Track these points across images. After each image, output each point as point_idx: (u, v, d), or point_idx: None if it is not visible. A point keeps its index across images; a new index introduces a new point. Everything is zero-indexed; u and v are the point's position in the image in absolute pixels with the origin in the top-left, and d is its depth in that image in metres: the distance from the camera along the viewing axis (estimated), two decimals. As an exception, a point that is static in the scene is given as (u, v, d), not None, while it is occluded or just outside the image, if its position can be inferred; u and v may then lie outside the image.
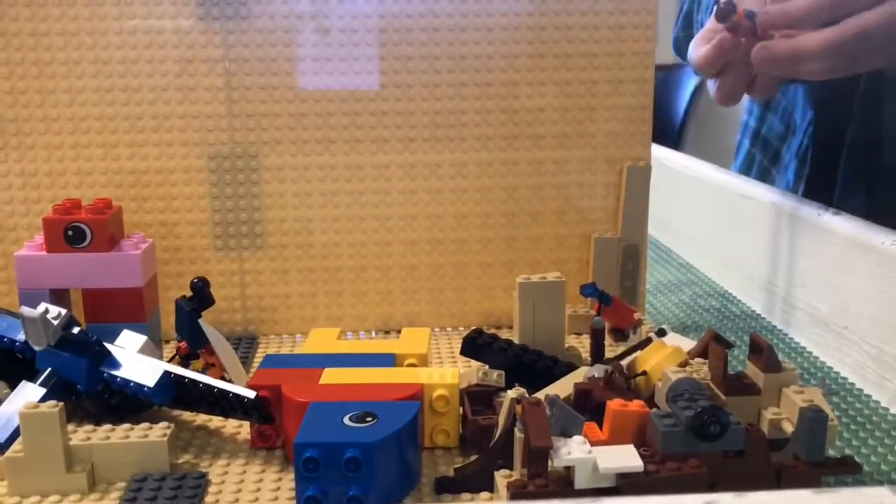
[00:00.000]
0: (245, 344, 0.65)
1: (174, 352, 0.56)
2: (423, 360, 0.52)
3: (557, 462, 0.39)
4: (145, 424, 0.46)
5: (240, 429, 0.50)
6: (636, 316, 0.62)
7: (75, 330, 0.49)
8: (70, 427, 0.45)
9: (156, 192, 0.64)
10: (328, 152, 0.64)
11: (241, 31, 0.62)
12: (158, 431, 0.45)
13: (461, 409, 0.48)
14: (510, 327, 0.67)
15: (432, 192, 0.66)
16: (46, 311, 0.48)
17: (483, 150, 0.65)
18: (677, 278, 0.83)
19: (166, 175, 0.63)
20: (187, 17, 0.61)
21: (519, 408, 0.43)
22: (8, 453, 0.44)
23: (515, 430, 0.42)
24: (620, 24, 0.64)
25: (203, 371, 0.53)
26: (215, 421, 0.51)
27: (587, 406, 0.44)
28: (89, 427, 0.46)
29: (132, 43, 0.61)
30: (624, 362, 0.50)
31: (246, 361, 0.61)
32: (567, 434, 0.41)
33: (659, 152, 0.97)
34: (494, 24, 0.63)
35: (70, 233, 0.54)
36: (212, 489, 0.44)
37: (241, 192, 0.64)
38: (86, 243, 0.55)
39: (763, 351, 0.44)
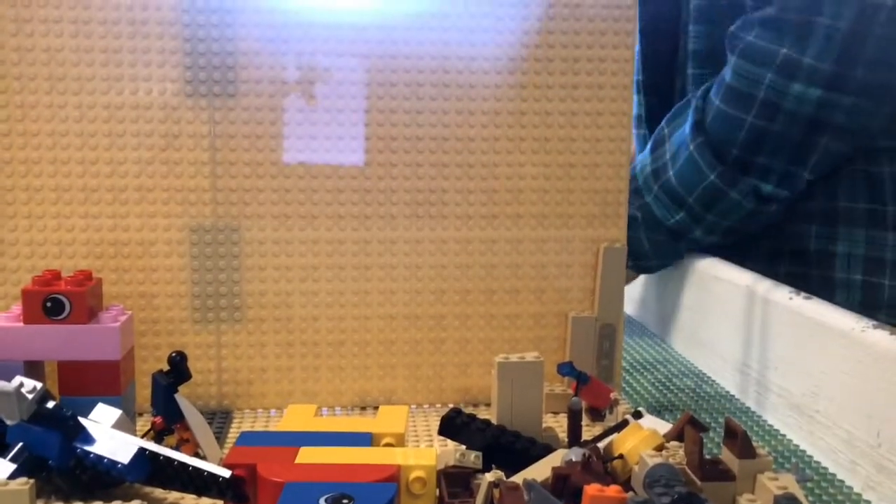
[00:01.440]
0: (219, 418, 0.64)
1: (148, 426, 0.55)
2: (401, 440, 0.52)
3: (535, 549, 0.39)
4: (118, 503, 0.45)
5: (213, 508, 0.50)
6: (613, 395, 0.63)
7: (50, 404, 0.48)
8: (39, 505, 0.44)
9: (136, 263, 0.64)
10: (310, 227, 0.65)
11: (227, 107, 0.63)
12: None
13: (438, 491, 0.48)
14: (487, 405, 0.67)
15: (412, 267, 0.66)
16: (21, 384, 0.47)
17: (463, 228, 0.66)
18: (652, 356, 0.84)
19: (147, 247, 0.64)
20: (174, 93, 0.62)
21: (497, 492, 0.43)
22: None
23: (492, 514, 0.42)
24: (598, 111, 0.66)
25: (177, 447, 0.53)
26: (188, 499, 0.50)
27: (565, 490, 0.44)
28: (59, 505, 0.45)
29: (119, 117, 0.62)
30: (601, 445, 0.51)
31: (220, 436, 0.61)
32: (543, 520, 0.40)
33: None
34: (476, 108, 0.65)
35: (49, 304, 0.54)
36: (183, 572, 0.43)
37: (222, 266, 0.65)
38: (64, 315, 0.55)
39: (738, 436, 0.45)
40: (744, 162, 0.83)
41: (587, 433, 0.58)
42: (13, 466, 0.47)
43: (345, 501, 0.43)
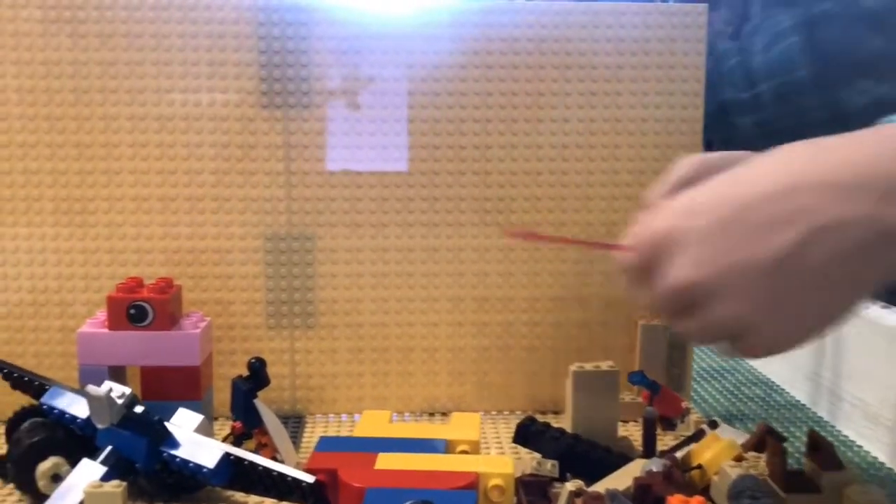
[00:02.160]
0: (293, 423, 0.65)
1: (228, 430, 0.56)
2: (475, 447, 0.52)
3: (620, 559, 0.39)
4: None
5: (293, 512, 0.51)
6: (684, 404, 0.63)
7: (138, 409, 0.50)
8: (131, 507, 0.46)
9: (212, 270, 0.65)
10: (381, 235, 0.66)
11: (301, 118, 0.64)
12: (217, 513, 0.46)
13: (515, 499, 0.48)
14: (555, 412, 0.67)
15: (480, 275, 0.67)
16: (111, 389, 0.49)
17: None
18: (720, 365, 0.83)
19: (223, 255, 0.65)
20: (251, 105, 0.64)
21: (578, 501, 0.43)
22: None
23: (574, 523, 0.42)
24: (668, 117, 0.66)
25: (255, 451, 0.54)
26: (268, 503, 0.51)
27: (646, 501, 0.44)
28: (149, 507, 0.46)
29: (197, 128, 0.64)
30: (678, 454, 0.50)
31: (295, 440, 0.62)
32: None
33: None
34: (545, 116, 0.65)
35: (133, 311, 0.56)
36: (268, 574, 0.44)
37: (295, 273, 0.66)
38: (147, 322, 0.56)
39: (822, 448, 0.44)
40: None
41: (659, 442, 0.58)
42: (103, 469, 0.49)
43: (425, 508, 0.44)
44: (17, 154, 0.63)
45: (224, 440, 0.54)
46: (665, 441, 0.58)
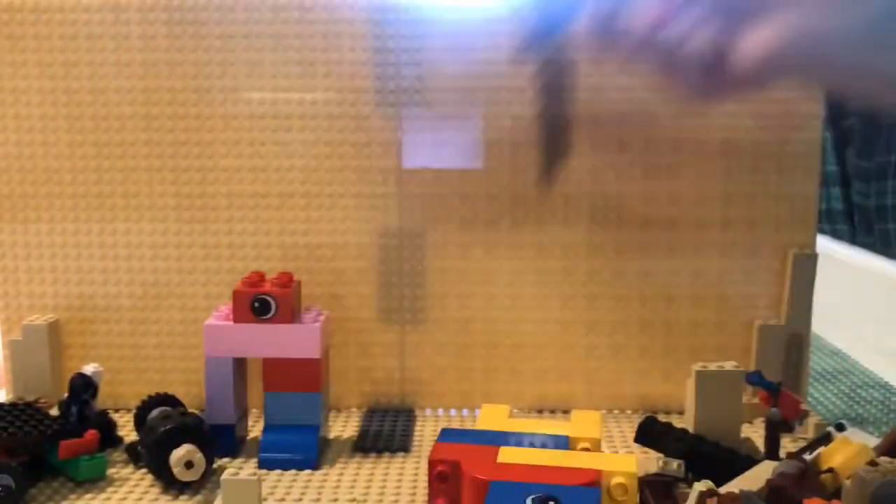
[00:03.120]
0: (404, 416, 0.66)
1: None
2: (597, 445, 0.52)
3: (760, 561, 0.38)
4: (331, 496, 0.47)
5: (413, 501, 0.52)
6: (803, 407, 0.61)
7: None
8: (263, 494, 0.47)
9: (326, 266, 0.67)
10: (492, 230, 0.66)
11: (414, 116, 0.65)
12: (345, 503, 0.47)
13: (639, 498, 0.48)
14: (666, 412, 0.66)
15: (590, 272, 0.66)
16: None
17: (643, 234, 0.66)
18: (832, 367, 0.81)
19: (337, 250, 0.66)
20: (365, 103, 0.65)
21: (710, 502, 0.42)
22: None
23: (706, 523, 0.42)
24: (787, 112, 0.64)
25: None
26: (405, 492, 0.52)
27: (781, 503, 0.43)
28: (279, 495, 0.48)
29: (313, 126, 0.65)
30: (807, 457, 0.49)
31: (406, 433, 0.63)
32: (764, 532, 0.40)
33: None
34: (661, 112, 0.64)
35: (257, 304, 0.57)
36: (396, 564, 0.45)
37: (406, 269, 0.67)
38: (271, 314, 0.58)
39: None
40: None
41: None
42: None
43: (551, 503, 0.44)
44: (142, 152, 0.66)
45: None
46: (784, 444, 0.57)
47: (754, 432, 0.60)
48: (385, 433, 0.63)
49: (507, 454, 0.49)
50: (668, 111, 0.64)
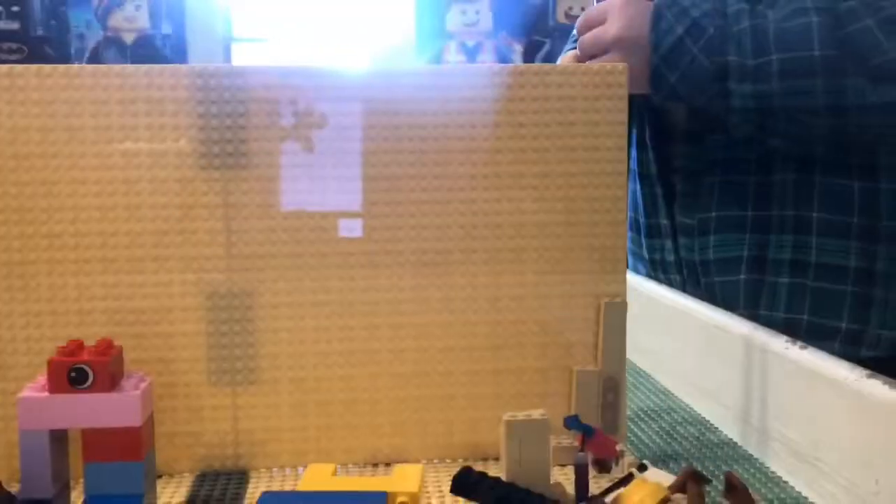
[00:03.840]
0: (236, 479, 0.66)
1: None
2: (415, 499, 0.54)
3: None
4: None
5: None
6: (618, 447, 0.65)
7: None
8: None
9: (153, 329, 0.66)
10: (322, 290, 0.67)
11: (240, 178, 0.66)
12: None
13: (451, 548, 0.50)
14: (497, 459, 0.68)
15: (420, 326, 0.69)
16: None
17: (468, 287, 0.68)
18: (656, 405, 0.86)
19: (164, 314, 0.66)
20: (190, 166, 0.65)
21: (508, 549, 0.44)
22: None
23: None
24: (595, 171, 0.69)
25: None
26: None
27: (574, 546, 0.46)
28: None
29: (137, 190, 0.65)
30: (608, 499, 0.52)
31: (238, 496, 0.62)
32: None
33: (634, 281, 1.01)
34: (477, 173, 0.68)
35: (73, 374, 0.56)
36: None
37: (237, 329, 0.67)
38: (88, 384, 0.57)
39: (738, 490, 0.47)
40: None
41: (594, 485, 0.60)
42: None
43: (362, 562, 0.45)
44: (-44, 219, 0.64)
45: None
46: (600, 485, 0.60)
47: (571, 475, 0.63)
48: (215, 497, 0.62)
49: (323, 515, 0.50)
50: (485, 171, 0.68)
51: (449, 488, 0.55)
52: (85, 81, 0.64)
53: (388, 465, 0.69)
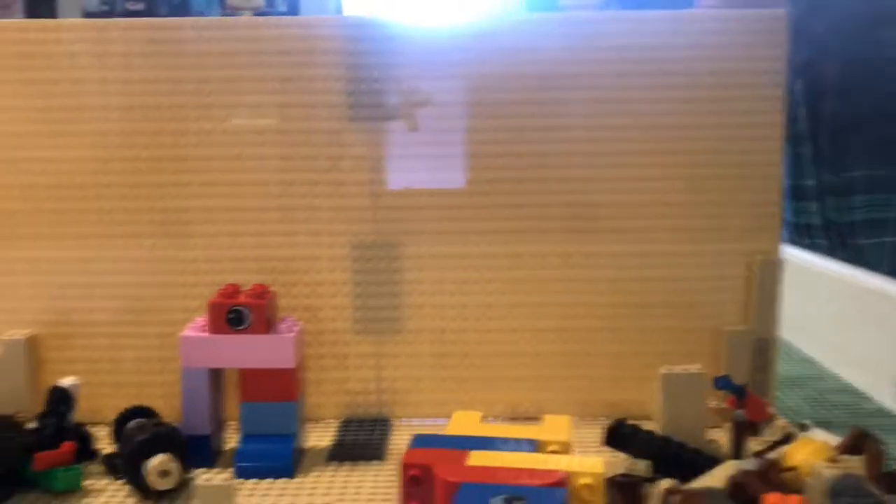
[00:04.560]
0: (380, 426, 0.67)
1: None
2: (566, 448, 0.53)
3: (720, 554, 0.39)
4: (306, 501, 0.48)
5: (387, 509, 0.52)
6: (770, 410, 0.62)
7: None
8: None
9: (303, 278, 0.67)
10: (465, 243, 0.67)
11: (386, 130, 0.66)
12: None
13: (606, 498, 0.49)
14: (638, 419, 0.67)
15: (564, 281, 0.68)
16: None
17: (616, 243, 0.67)
18: (800, 373, 0.82)
19: (313, 262, 0.67)
20: (339, 118, 0.66)
21: (675, 499, 0.43)
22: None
23: (669, 520, 0.43)
24: (749, 123, 0.66)
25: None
26: (378, 498, 0.53)
27: (741, 500, 0.44)
28: (255, 501, 0.48)
29: (289, 142, 0.66)
30: (770, 456, 0.50)
31: (382, 441, 0.63)
32: (725, 526, 0.41)
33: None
34: (631, 123, 0.66)
35: (231, 315, 0.58)
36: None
37: (382, 280, 0.68)
38: (245, 326, 0.58)
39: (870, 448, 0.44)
40: None
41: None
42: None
43: (517, 503, 0.45)
44: (119, 168, 0.67)
45: None
46: (752, 446, 0.58)
47: (722, 436, 0.61)
48: (360, 442, 0.63)
49: (476, 458, 0.50)
50: (636, 122, 0.66)
51: (599, 443, 0.54)
52: (240, 33, 0.66)
53: (525, 419, 0.69)
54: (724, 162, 0.66)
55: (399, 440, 0.64)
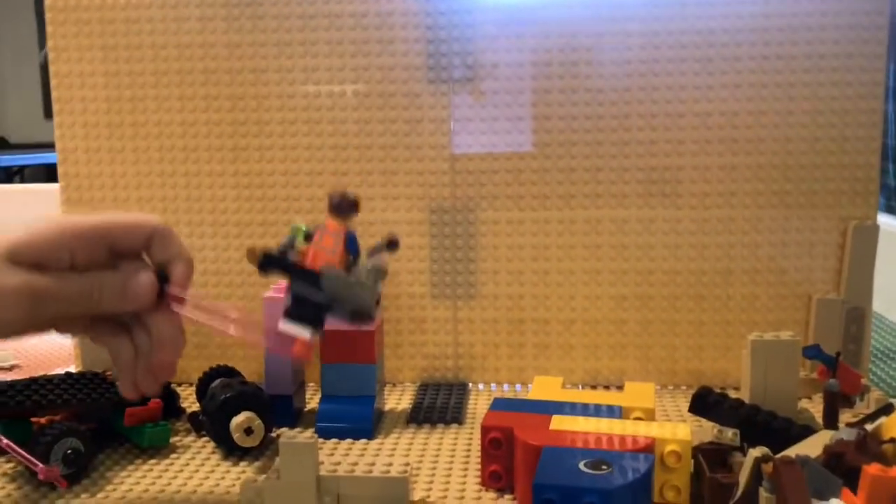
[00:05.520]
0: (457, 390, 0.67)
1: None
2: (650, 415, 0.52)
3: (817, 524, 0.38)
4: (386, 461, 0.48)
5: (466, 469, 0.52)
6: (863, 381, 0.60)
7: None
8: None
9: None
10: (542, 207, 0.66)
11: (466, 92, 0.65)
12: (399, 468, 0.48)
13: (693, 466, 0.48)
14: (722, 388, 0.65)
15: (644, 247, 0.66)
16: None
17: (699, 208, 0.65)
18: (893, 346, 0.79)
19: (391, 226, 0.67)
20: (418, 80, 0.66)
21: (768, 467, 0.42)
22: (267, 478, 0.47)
23: (760, 489, 0.41)
24: (847, 81, 0.63)
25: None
26: (458, 460, 0.53)
27: (838, 470, 0.42)
28: (335, 460, 0.49)
29: (367, 104, 0.66)
30: (867, 427, 0.48)
31: (459, 407, 0.63)
32: (822, 497, 0.39)
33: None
34: (715, 83, 0.64)
35: (313, 277, 0.58)
36: (450, 527, 0.46)
37: (459, 244, 0.67)
38: (326, 288, 0.59)
39: None
40: None
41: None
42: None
43: (604, 467, 0.44)
44: (203, 132, 0.68)
45: None
46: (843, 419, 0.56)
47: (812, 406, 0.59)
48: (438, 405, 0.63)
49: (559, 422, 0.50)
50: (721, 81, 0.63)
51: (685, 410, 0.53)
52: (319, -3, 0.66)
53: (605, 387, 0.68)
54: (820, 122, 0.63)
55: (476, 405, 0.64)
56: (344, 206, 0.48)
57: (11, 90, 3.49)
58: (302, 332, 0.45)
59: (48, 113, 3.20)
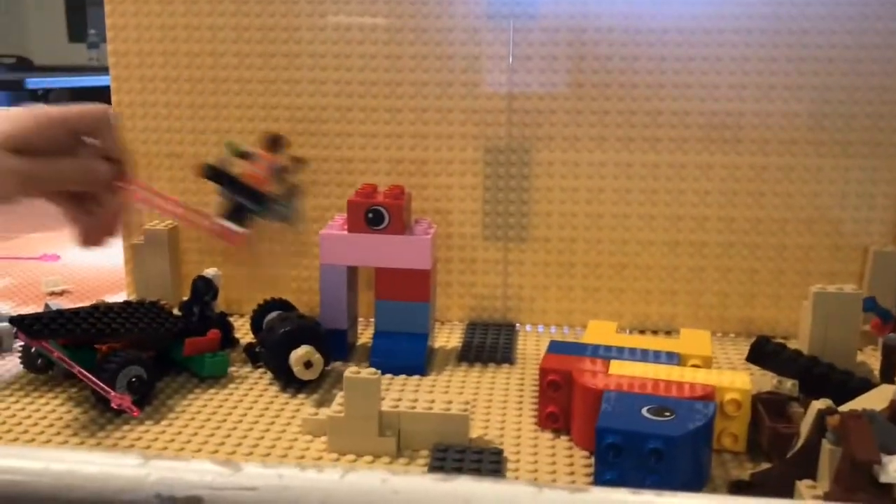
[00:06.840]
0: (506, 331, 0.67)
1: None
2: (708, 363, 0.52)
3: (884, 478, 0.38)
4: (446, 399, 0.49)
5: (520, 409, 0.53)
6: (919, 336, 0.60)
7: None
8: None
9: (434, 181, 0.67)
10: (599, 149, 0.66)
11: (526, 29, 0.64)
12: (459, 406, 0.48)
13: (752, 414, 0.48)
14: (773, 337, 0.65)
15: (700, 193, 0.65)
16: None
17: (759, 154, 0.64)
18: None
19: (444, 165, 0.67)
20: (477, 15, 0.64)
21: (833, 420, 0.42)
22: (330, 412, 0.48)
23: (824, 441, 0.41)
24: (920, 29, 0.61)
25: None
26: (512, 399, 0.54)
27: (903, 424, 0.42)
28: (393, 396, 0.50)
29: (424, 40, 0.65)
30: (928, 383, 0.48)
31: (509, 346, 0.64)
32: (887, 450, 0.39)
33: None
34: (783, 27, 0.62)
35: (370, 215, 0.59)
36: (509, 465, 0.47)
37: (512, 185, 0.67)
38: (383, 225, 0.59)
39: None
40: None
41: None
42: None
43: (667, 414, 0.44)
44: (233, 63, 0.67)
45: None
46: (898, 372, 0.56)
47: (864, 359, 0.59)
48: (488, 345, 0.64)
49: (618, 367, 0.50)
50: (788, 27, 0.62)
51: (739, 359, 0.53)
52: (378, -73, 0.64)
53: (654, 332, 0.68)
54: (889, 71, 0.62)
55: (525, 346, 0.65)
56: (276, 144, 0.57)
57: (33, 11, 3.46)
58: (237, 229, 0.56)
59: (73, 36, 3.18)
